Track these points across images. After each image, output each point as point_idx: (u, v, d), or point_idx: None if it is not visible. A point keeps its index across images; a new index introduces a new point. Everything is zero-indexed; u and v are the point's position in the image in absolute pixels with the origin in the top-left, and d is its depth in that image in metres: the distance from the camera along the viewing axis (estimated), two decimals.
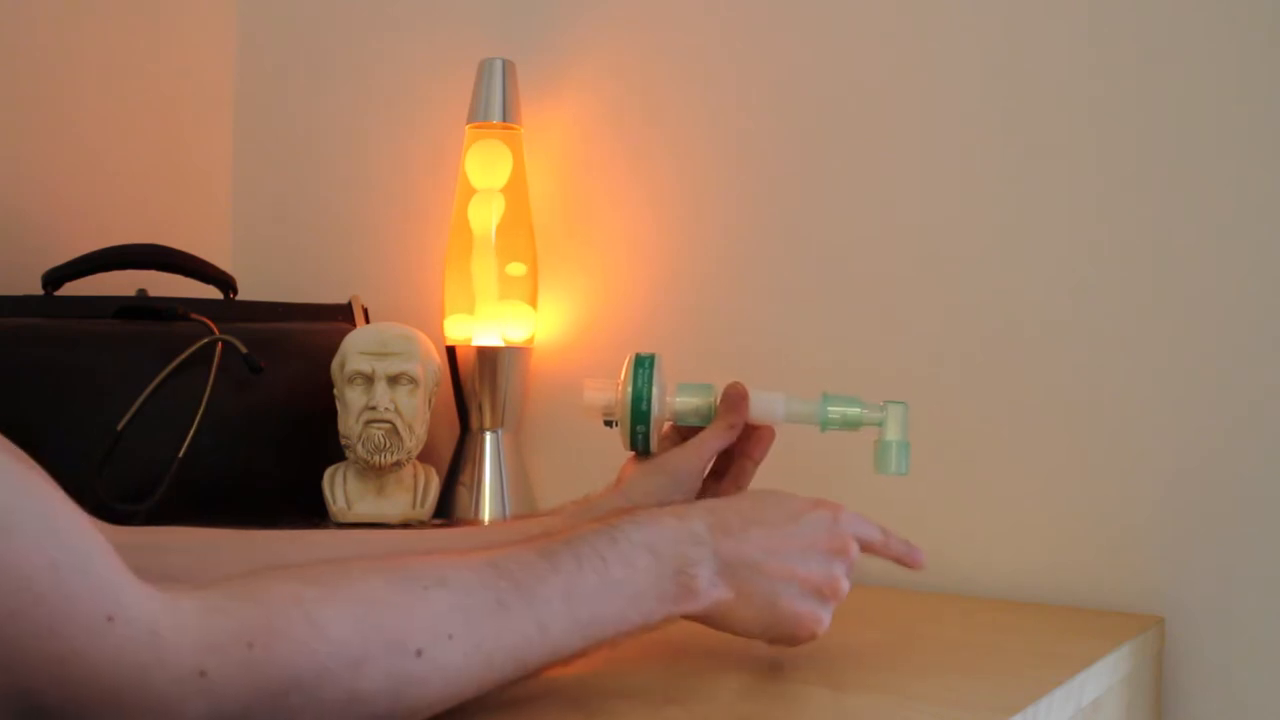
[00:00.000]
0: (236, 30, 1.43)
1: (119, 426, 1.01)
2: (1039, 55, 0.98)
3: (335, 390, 1.07)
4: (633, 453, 0.81)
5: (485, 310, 1.14)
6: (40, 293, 1.13)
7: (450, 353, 1.16)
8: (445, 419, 1.18)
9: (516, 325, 1.15)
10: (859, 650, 0.75)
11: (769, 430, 0.82)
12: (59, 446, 0.91)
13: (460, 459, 1.16)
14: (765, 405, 0.80)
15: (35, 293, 1.12)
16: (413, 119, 1.31)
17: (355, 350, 1.06)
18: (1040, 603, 0.95)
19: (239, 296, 1.20)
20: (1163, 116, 0.93)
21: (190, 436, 1.03)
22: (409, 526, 1.05)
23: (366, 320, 1.21)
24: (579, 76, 1.21)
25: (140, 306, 1.10)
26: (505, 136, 1.16)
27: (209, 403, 1.04)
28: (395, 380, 1.05)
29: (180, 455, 1.02)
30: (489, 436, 1.15)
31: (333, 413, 1.07)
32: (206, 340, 1.06)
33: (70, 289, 1.14)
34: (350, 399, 1.05)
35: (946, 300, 1.02)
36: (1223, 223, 0.91)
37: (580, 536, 0.59)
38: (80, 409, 1.02)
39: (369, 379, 1.05)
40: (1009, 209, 0.99)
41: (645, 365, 0.79)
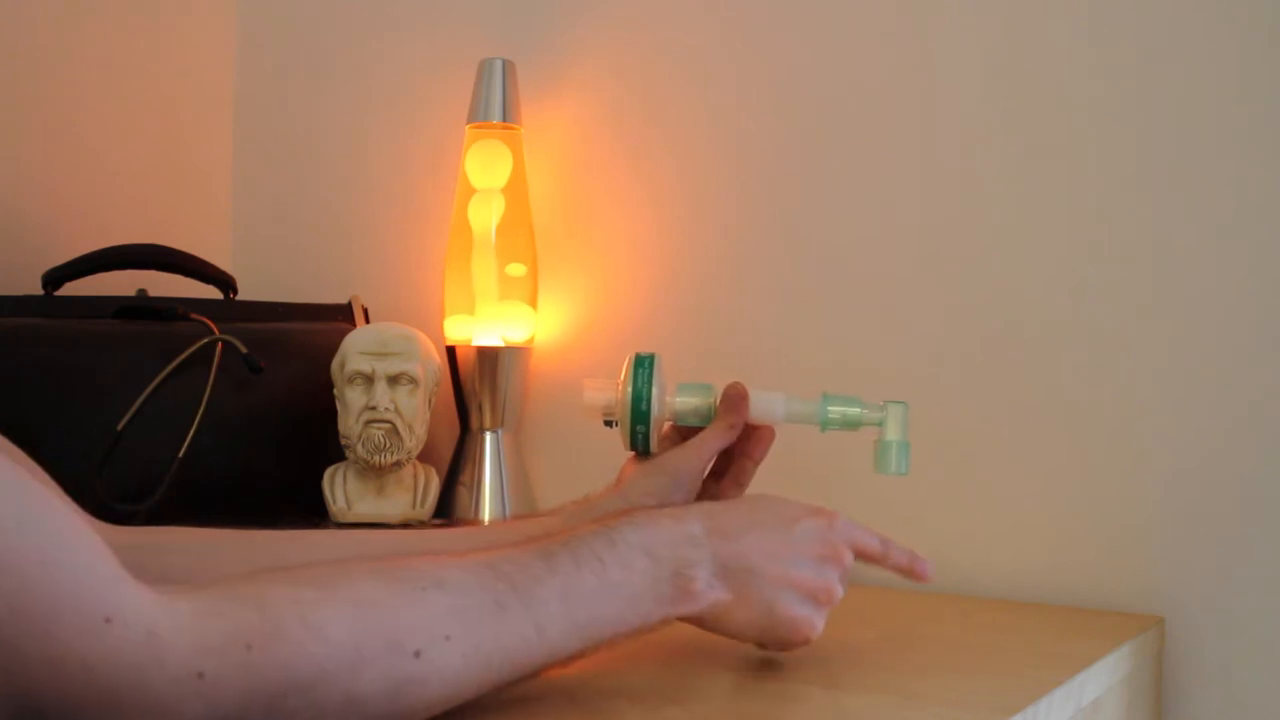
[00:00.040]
0: (236, 30, 1.43)
1: (119, 426, 1.01)
2: (1039, 55, 0.98)
3: (335, 390, 1.07)
4: (633, 453, 0.81)
5: (485, 310, 1.14)
6: (40, 293, 1.13)
7: (450, 353, 1.16)
8: (445, 419, 1.18)
9: (516, 325, 1.15)
10: (859, 650, 0.75)
11: (769, 430, 0.82)
12: (59, 446, 0.91)
13: (460, 459, 1.15)
14: (765, 405, 0.80)
15: (35, 293, 1.12)
16: (413, 119, 1.31)
17: (355, 350, 1.06)
18: (1040, 603, 0.95)
19: (239, 296, 1.20)
20: (1163, 116, 0.93)
21: (190, 436, 1.03)
22: (409, 526, 1.05)
23: (366, 320, 1.21)
24: (579, 76, 1.21)
25: (140, 306, 1.10)
26: (505, 136, 1.16)
27: (209, 403, 1.04)
28: (395, 380, 1.05)
29: (180, 455, 1.02)
30: (489, 436, 1.15)
31: (333, 413, 1.07)
32: (206, 340, 1.06)
33: (70, 289, 1.14)
34: (350, 399, 1.05)
35: (946, 300, 1.02)
36: (1223, 223, 0.91)
37: (578, 538, 0.59)
38: (80, 409, 1.03)
39: (369, 379, 1.05)
40: (1009, 209, 0.99)
41: (645, 365, 0.79)
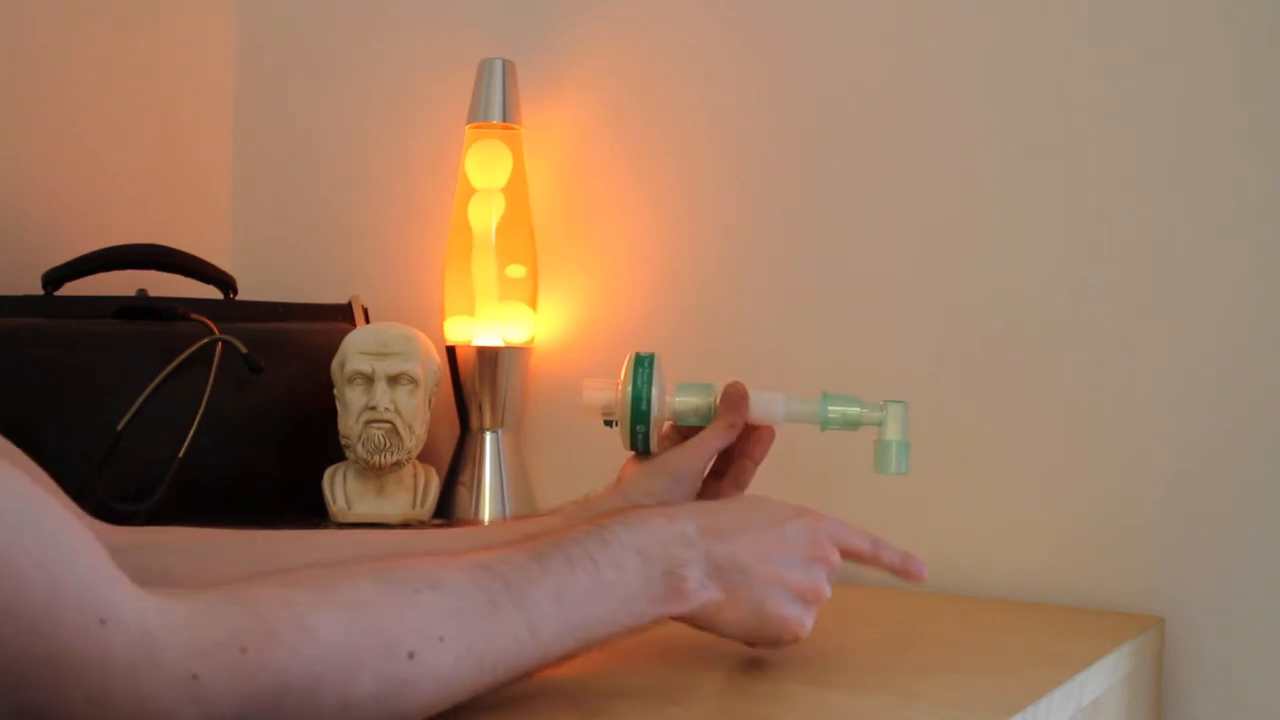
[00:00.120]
0: (236, 30, 1.43)
1: (119, 426, 1.01)
2: (1039, 55, 0.98)
3: (335, 390, 1.07)
4: (633, 453, 0.81)
5: (485, 311, 1.14)
6: (40, 293, 1.13)
7: (450, 353, 1.16)
8: (445, 419, 1.18)
9: (516, 326, 1.15)
10: (859, 650, 0.75)
11: (769, 430, 0.82)
12: (59, 446, 0.91)
13: (460, 459, 1.15)
14: (765, 405, 0.80)
15: (35, 293, 1.12)
16: (413, 119, 1.31)
17: (355, 350, 1.06)
18: (1040, 603, 0.95)
19: (239, 296, 1.20)
20: (1163, 116, 0.93)
21: (190, 436, 1.03)
22: (409, 526, 1.05)
23: (366, 320, 1.21)
24: (579, 76, 1.21)
25: (140, 306, 1.10)
26: (505, 136, 1.16)
27: (209, 403, 1.04)
28: (395, 380, 1.05)
29: (180, 455, 1.02)
30: (489, 436, 1.15)
31: (333, 413, 1.07)
32: (206, 340, 1.06)
33: (70, 289, 1.14)
34: (350, 399, 1.05)
35: (946, 300, 1.02)
36: (1223, 223, 0.91)
37: (571, 538, 0.59)
38: (80, 409, 1.02)
39: (369, 379, 1.05)
40: (1009, 209, 0.99)
41: (645, 365, 0.79)
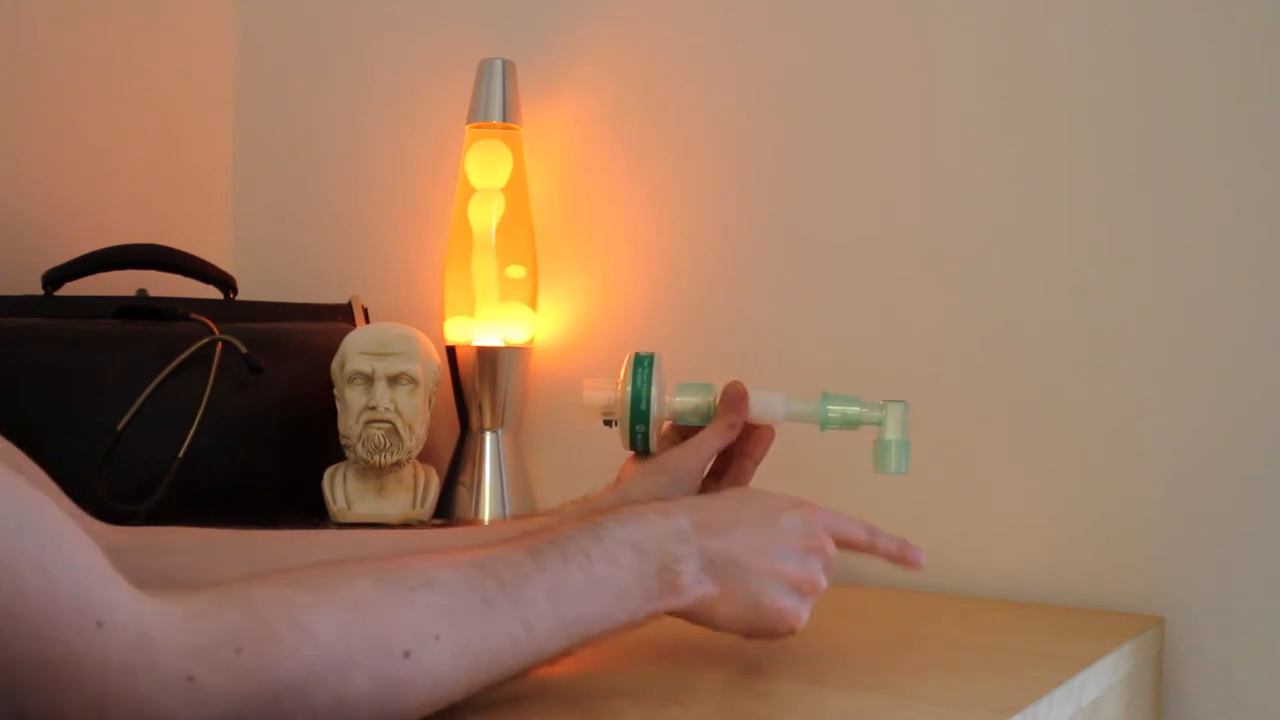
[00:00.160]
0: (236, 30, 1.43)
1: (119, 426, 1.01)
2: (1039, 55, 0.98)
3: (335, 390, 1.07)
4: (632, 452, 0.81)
5: (485, 311, 1.14)
6: (40, 293, 1.13)
7: (450, 353, 1.16)
8: (445, 419, 1.18)
9: (516, 326, 1.15)
10: (859, 650, 0.75)
11: (768, 430, 0.82)
12: (59, 446, 0.91)
13: (460, 459, 1.15)
14: (765, 404, 0.80)
15: (35, 293, 1.12)
16: (413, 119, 1.31)
17: (355, 350, 1.06)
18: (1040, 603, 0.95)
19: (239, 296, 1.20)
20: (1163, 116, 0.93)
21: (190, 436, 1.03)
22: (409, 526, 1.05)
23: (366, 320, 1.21)
24: (579, 76, 1.21)
25: (140, 306, 1.10)
26: (505, 136, 1.16)
27: (209, 403, 1.04)
28: (395, 380, 1.05)
29: (180, 455, 1.02)
30: (489, 436, 1.15)
31: (333, 413, 1.07)
32: (206, 340, 1.06)
33: (70, 289, 1.14)
34: (350, 399, 1.05)
35: (946, 300, 1.02)
36: (1223, 223, 0.91)
37: (565, 535, 0.59)
38: (80, 409, 1.02)
39: (369, 379, 1.05)
40: (1009, 209, 0.99)
41: (644, 365, 0.79)
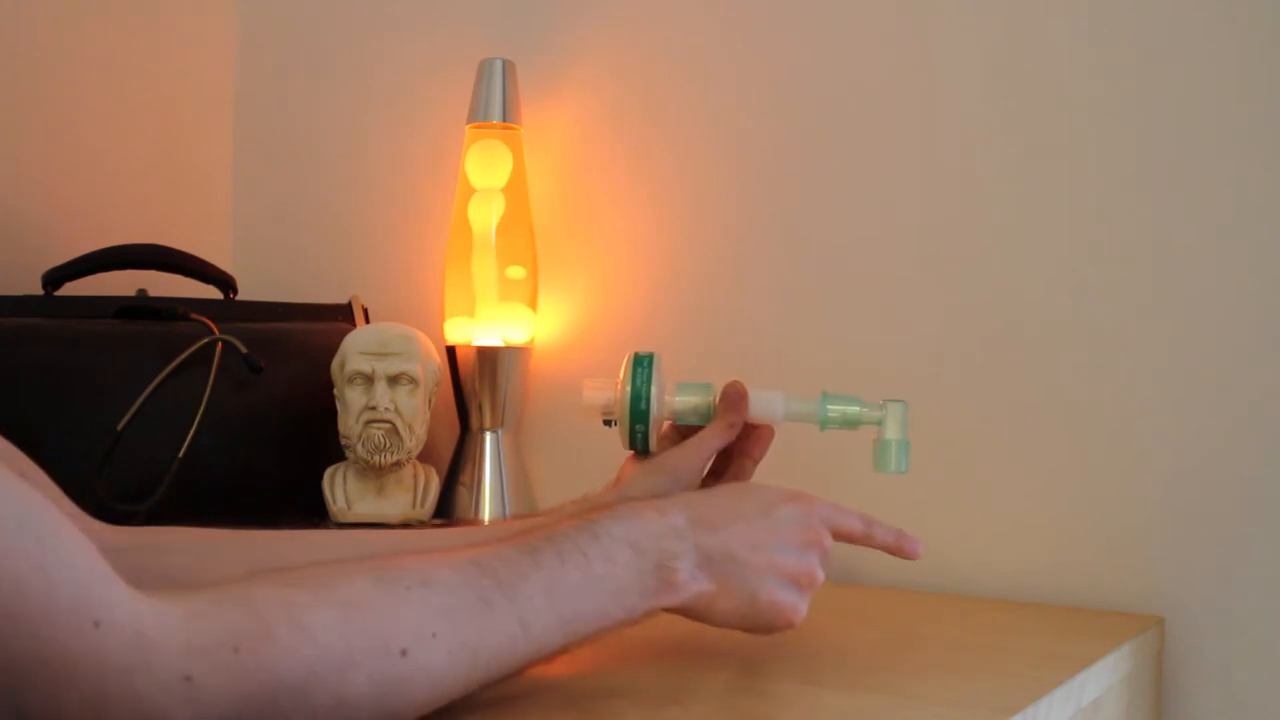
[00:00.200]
0: (236, 30, 1.43)
1: (119, 426, 1.01)
2: (1039, 55, 0.98)
3: (335, 390, 1.07)
4: (632, 452, 0.81)
5: (485, 312, 1.14)
6: (40, 293, 1.13)
7: (450, 353, 1.16)
8: (445, 419, 1.18)
9: (516, 327, 1.15)
10: (859, 650, 0.75)
11: (768, 429, 0.82)
12: (59, 446, 0.91)
13: (460, 459, 1.15)
14: (764, 404, 0.80)
15: (35, 293, 1.12)
16: (413, 119, 1.31)
17: (355, 350, 1.06)
18: (1040, 603, 0.95)
19: (239, 296, 1.20)
20: (1163, 116, 0.93)
21: (190, 436, 1.03)
22: (409, 526, 1.05)
23: (366, 320, 1.21)
24: (579, 76, 1.21)
25: (140, 306, 1.10)
26: (505, 136, 1.16)
27: (209, 403, 1.04)
28: (395, 380, 1.05)
29: (180, 455, 1.02)
30: (489, 436, 1.15)
31: (333, 413, 1.07)
32: (206, 340, 1.06)
33: (70, 289, 1.14)
34: (350, 399, 1.05)
35: (946, 300, 1.02)
36: (1223, 223, 0.91)
37: (561, 532, 0.59)
38: (80, 409, 1.02)
39: (369, 379, 1.05)
40: (1009, 209, 0.99)
41: (644, 364, 0.79)
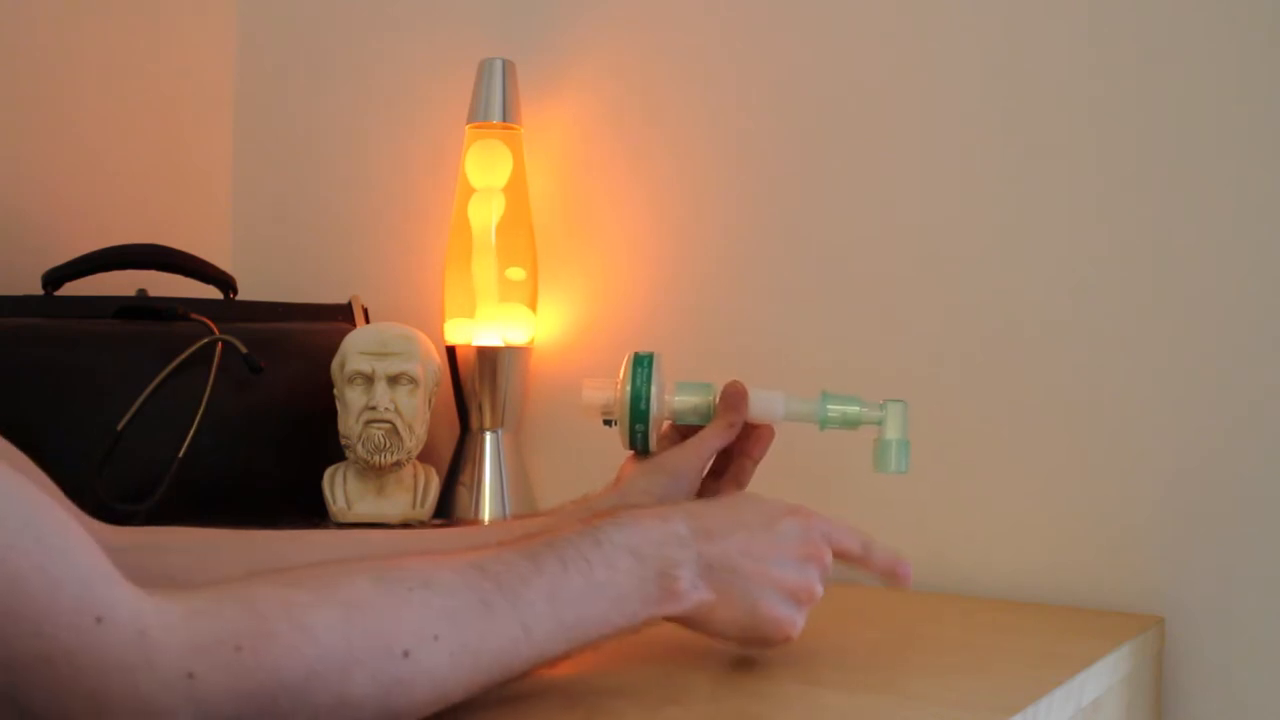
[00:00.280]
0: (236, 30, 1.43)
1: (119, 426, 1.01)
2: (1039, 55, 0.98)
3: (335, 390, 1.07)
4: (632, 452, 0.81)
5: (485, 313, 1.14)
6: (40, 293, 1.13)
7: (450, 353, 1.16)
8: (445, 419, 1.18)
9: (516, 328, 1.15)
10: (859, 650, 0.75)
11: (768, 429, 0.82)
12: (59, 446, 0.91)
13: (460, 459, 1.15)
14: (764, 404, 0.80)
15: (35, 293, 1.12)
16: (413, 119, 1.31)
17: (355, 350, 1.06)
18: (1040, 603, 0.95)
19: (239, 296, 1.20)
20: (1163, 116, 0.93)
21: (190, 436, 1.03)
22: (409, 526, 1.05)
23: (366, 320, 1.21)
24: (579, 76, 1.21)
25: (140, 306, 1.10)
26: (505, 136, 1.16)
27: (209, 403, 1.04)
28: (395, 380, 1.05)
29: (180, 455, 1.02)
30: (489, 436, 1.15)
31: (333, 413, 1.07)
32: (206, 340, 1.06)
33: (70, 289, 1.14)
34: (350, 399, 1.05)
35: (946, 300, 1.01)
36: (1223, 223, 0.91)
37: (564, 538, 0.59)
38: (80, 409, 1.02)
39: (369, 379, 1.05)
40: (1009, 209, 0.99)
41: (644, 364, 0.79)
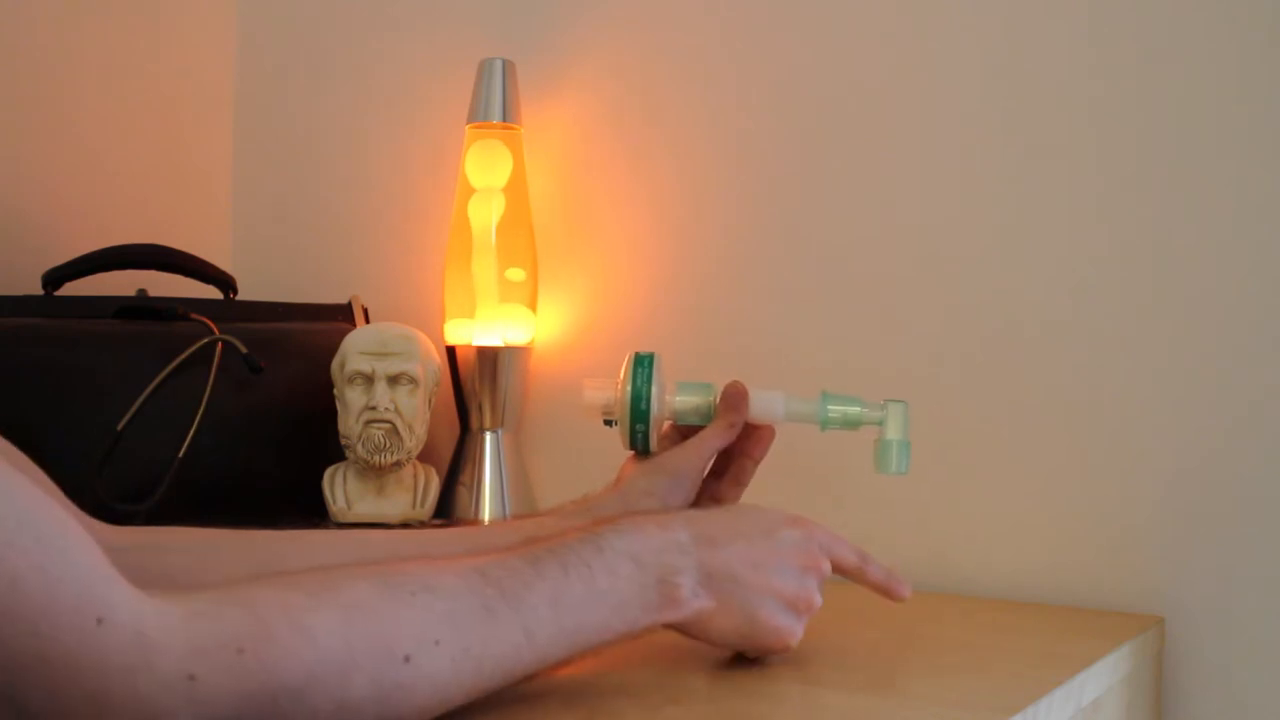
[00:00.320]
0: (236, 30, 1.43)
1: (119, 426, 1.01)
2: (1039, 55, 0.98)
3: (335, 390, 1.07)
4: (632, 452, 0.81)
5: (485, 313, 1.14)
6: (40, 293, 1.13)
7: (450, 353, 1.16)
8: (445, 419, 1.18)
9: (516, 328, 1.15)
10: (859, 650, 0.75)
11: (769, 429, 0.82)
12: (59, 446, 0.91)
13: (460, 459, 1.15)
14: (765, 404, 0.80)
15: (35, 293, 1.12)
16: (413, 119, 1.31)
17: (355, 350, 1.06)
18: (1040, 603, 0.95)
19: (239, 296, 1.20)
20: (1163, 116, 0.93)
21: (190, 436, 1.03)
22: (409, 526, 1.05)
23: (366, 320, 1.21)
24: (579, 76, 1.21)
25: (140, 306, 1.10)
26: (505, 136, 1.16)
27: (209, 403, 1.04)
28: (395, 380, 1.05)
29: (180, 455, 1.02)
30: (489, 436, 1.15)
31: (333, 413, 1.07)
32: (206, 340, 1.06)
33: (70, 289, 1.14)
34: (350, 399, 1.05)
35: (946, 300, 1.01)
36: (1223, 223, 0.91)
37: (565, 544, 0.59)
38: (80, 409, 1.02)
39: (369, 379, 1.05)
40: (1009, 209, 0.99)
41: (644, 364, 0.79)
